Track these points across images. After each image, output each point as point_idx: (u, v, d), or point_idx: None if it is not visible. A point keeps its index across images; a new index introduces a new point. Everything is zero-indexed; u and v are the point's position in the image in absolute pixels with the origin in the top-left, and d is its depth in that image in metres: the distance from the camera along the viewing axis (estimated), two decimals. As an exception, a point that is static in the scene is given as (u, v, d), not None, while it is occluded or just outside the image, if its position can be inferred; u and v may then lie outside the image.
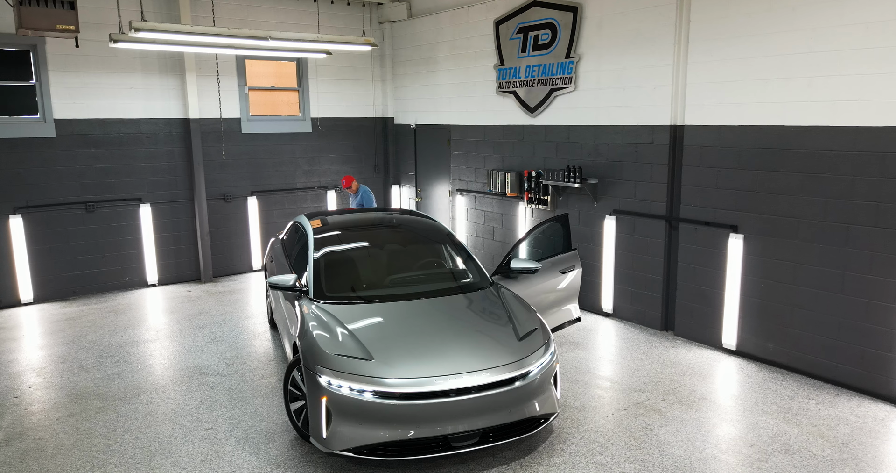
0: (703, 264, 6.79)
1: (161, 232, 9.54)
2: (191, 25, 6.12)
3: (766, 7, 5.90)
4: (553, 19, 7.94)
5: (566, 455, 4.69)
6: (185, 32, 6.03)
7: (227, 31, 6.29)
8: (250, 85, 10.00)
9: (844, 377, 5.76)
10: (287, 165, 10.52)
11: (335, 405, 4.30)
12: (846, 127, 5.50)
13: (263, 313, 8.18)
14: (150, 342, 7.14)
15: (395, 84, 11.13)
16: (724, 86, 6.33)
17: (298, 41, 6.96)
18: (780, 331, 6.20)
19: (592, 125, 7.70)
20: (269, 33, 6.57)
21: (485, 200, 9.51)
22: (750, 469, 4.50)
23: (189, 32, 6.04)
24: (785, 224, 6.04)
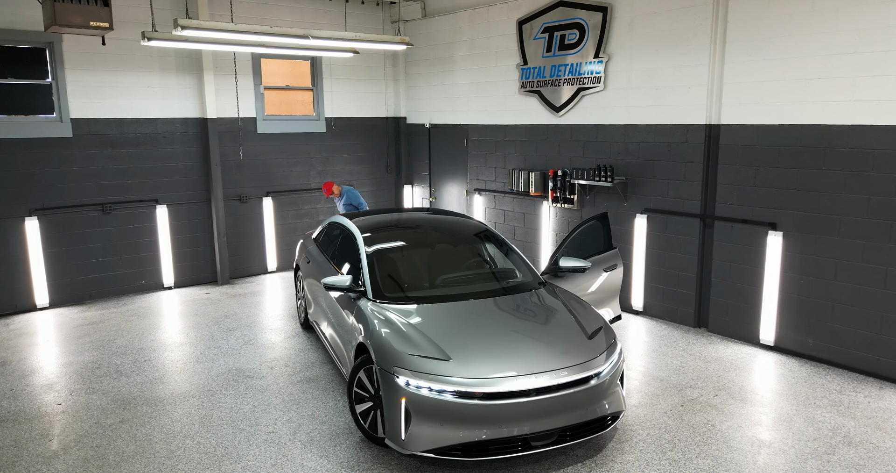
0: (739, 261, 6.88)
1: (177, 234, 9.36)
2: (234, 23, 6.02)
3: (809, 8, 6.01)
4: (581, 19, 7.98)
5: (637, 453, 4.72)
6: (230, 31, 5.93)
7: (269, 29, 6.20)
8: (265, 84, 9.87)
9: (887, 370, 5.89)
10: (301, 166, 10.41)
11: (415, 406, 4.27)
12: (891, 126, 5.62)
13: (291, 315, 8.07)
14: (184, 346, 7.00)
15: (407, 84, 11.08)
16: (764, 85, 6.42)
17: (337, 40, 6.89)
18: (821, 326, 6.31)
19: (623, 124, 7.75)
20: (309, 32, 6.49)
21: (505, 199, 9.52)
22: (819, 462, 4.57)
23: (234, 31, 5.94)
24: (826, 221, 6.15)
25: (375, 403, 4.76)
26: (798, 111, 6.22)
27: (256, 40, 6.43)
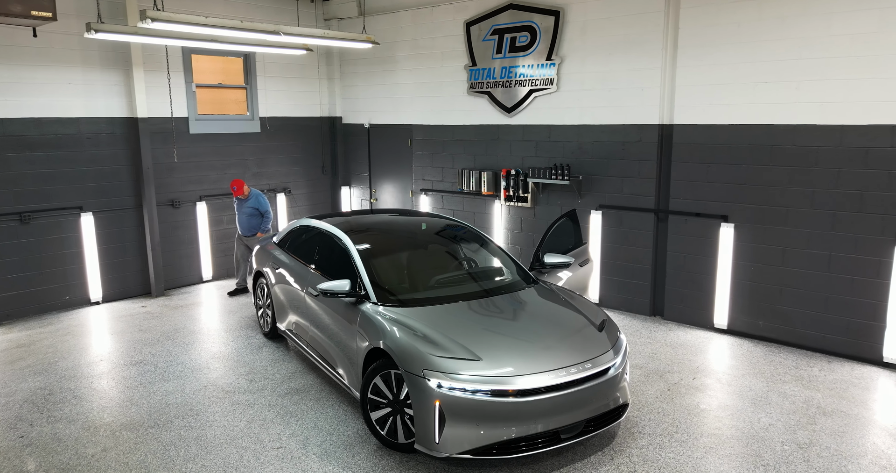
0: (693, 252, 7.36)
1: (105, 243, 8.62)
2: (205, 17, 5.62)
3: (756, 17, 6.54)
4: (532, 22, 8.19)
5: (647, 437, 4.94)
6: (201, 24, 5.53)
7: (240, 24, 5.85)
8: (197, 82, 9.30)
9: (833, 345, 6.54)
10: (236, 168, 9.91)
11: (449, 408, 4.23)
12: (833, 125, 6.25)
13: (249, 325, 7.68)
14: (143, 364, 6.47)
15: (343, 83, 10.86)
16: (715, 88, 6.91)
17: (307, 37, 6.63)
18: (771, 309, 6.89)
19: (576, 125, 8.05)
20: (279, 28, 6.19)
21: (454, 198, 9.58)
22: (806, 432, 5.01)
23: (204, 25, 5.55)
24: (774, 213, 6.73)
25: (395, 408, 4.66)
26: (747, 112, 6.74)
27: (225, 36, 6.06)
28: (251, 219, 8.70)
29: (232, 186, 8.59)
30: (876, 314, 6.24)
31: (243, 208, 8.72)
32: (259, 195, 8.73)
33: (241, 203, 8.75)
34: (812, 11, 6.20)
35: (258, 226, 8.73)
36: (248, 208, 8.67)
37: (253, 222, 8.71)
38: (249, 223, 8.72)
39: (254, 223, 8.71)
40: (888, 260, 6.10)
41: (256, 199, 8.69)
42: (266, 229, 8.76)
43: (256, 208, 8.68)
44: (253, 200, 8.69)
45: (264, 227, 8.76)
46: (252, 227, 8.73)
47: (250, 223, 8.72)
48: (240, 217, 8.78)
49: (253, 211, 8.66)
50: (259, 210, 8.70)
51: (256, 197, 8.70)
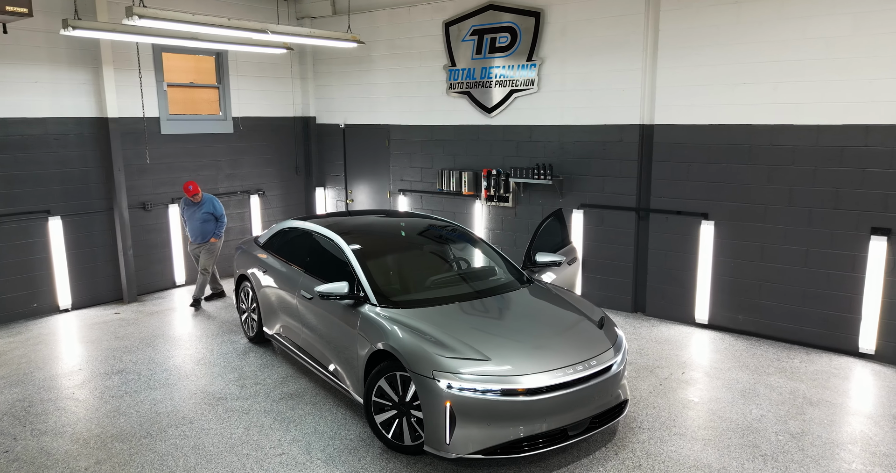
0: (674, 249, 7.53)
1: (74, 248, 8.30)
2: (192, 14, 5.45)
3: (734, 20, 6.73)
4: (513, 23, 8.24)
5: (647, 432, 5.03)
6: (187, 22, 5.37)
7: (226, 22, 5.71)
8: (168, 81, 9.05)
9: (810, 337, 6.78)
10: (209, 169, 9.68)
11: (460, 408, 4.22)
12: (810, 125, 6.47)
13: (231, 330, 7.50)
14: (125, 373, 6.26)
15: (316, 83, 10.72)
16: (694, 89, 7.08)
17: (294, 36, 6.51)
18: (750, 303, 7.10)
19: (558, 125, 8.13)
20: (267, 26, 6.07)
21: (433, 199, 9.56)
22: (797, 421, 5.18)
23: (191, 22, 5.39)
24: (753, 210, 6.93)
25: (401, 410, 4.63)
26: (726, 112, 6.93)
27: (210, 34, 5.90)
28: (206, 225, 8.26)
29: (187, 187, 8.07)
30: (851, 307, 6.49)
31: (197, 214, 8.23)
32: (213, 199, 8.33)
33: (194, 208, 8.26)
34: (788, 15, 6.41)
35: (212, 232, 8.33)
36: (203, 214, 8.23)
37: (207, 227, 8.28)
38: (203, 230, 8.28)
39: (208, 229, 8.29)
40: (862, 255, 6.35)
41: (211, 203, 8.28)
42: (220, 234, 8.39)
43: (212, 212, 8.26)
44: (207, 204, 8.25)
45: (219, 232, 8.37)
46: (206, 233, 8.30)
47: (204, 230, 8.28)
48: (192, 224, 8.28)
49: (208, 217, 8.25)
50: (214, 215, 8.29)
51: (211, 201, 8.29)
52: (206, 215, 8.24)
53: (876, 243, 6.25)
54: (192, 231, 8.34)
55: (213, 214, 8.28)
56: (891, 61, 5.94)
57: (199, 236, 8.31)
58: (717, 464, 4.56)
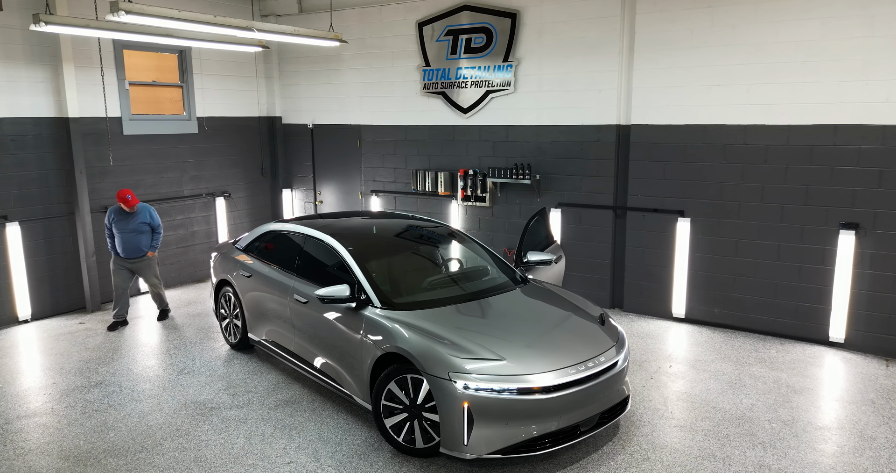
0: (651, 246, 7.73)
1: (33, 255, 7.87)
2: (178, 10, 5.22)
3: (709, 24, 6.96)
4: (488, 24, 8.28)
5: (649, 426, 5.15)
6: (173, 18, 5.15)
7: (212, 19, 5.50)
8: (130, 79, 8.68)
9: (782, 328, 7.08)
10: (173, 171, 9.34)
11: (478, 409, 4.22)
12: (781, 125, 6.76)
13: (210, 336, 7.27)
14: (104, 385, 5.97)
15: (282, 82, 10.50)
16: (670, 90, 7.29)
17: (278, 34, 6.34)
18: (725, 297, 7.36)
19: (534, 125, 8.22)
20: (252, 24, 5.89)
21: (407, 199, 9.51)
22: (786, 409, 5.40)
23: (177, 18, 5.17)
24: (727, 207, 7.19)
25: (412, 413, 4.59)
26: (701, 113, 7.16)
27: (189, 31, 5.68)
28: (141, 237, 7.45)
29: (125, 195, 7.24)
30: (821, 298, 6.81)
31: (131, 225, 7.38)
32: (149, 208, 7.60)
33: (127, 218, 7.38)
34: (760, 19, 6.68)
35: (148, 244, 7.55)
36: (138, 224, 7.41)
37: (143, 240, 7.48)
38: (139, 242, 7.46)
39: (144, 242, 7.49)
40: (832, 248, 6.68)
41: (147, 212, 7.52)
42: (157, 246, 7.67)
43: (148, 223, 7.50)
44: (143, 213, 7.46)
45: (156, 244, 7.62)
46: (142, 246, 7.49)
47: (140, 242, 7.46)
48: (123, 236, 7.38)
49: (144, 227, 7.46)
50: (151, 226, 7.54)
51: (146, 210, 7.53)
52: (141, 226, 7.45)
53: (844, 237, 6.58)
54: (123, 244, 7.40)
55: (149, 224, 7.52)
56: (857, 64, 6.26)
57: (134, 250, 7.45)
58: (721, 454, 4.71)
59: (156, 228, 7.61)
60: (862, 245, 6.53)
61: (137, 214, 7.43)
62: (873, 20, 6.14)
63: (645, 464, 4.58)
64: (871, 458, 4.62)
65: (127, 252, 7.45)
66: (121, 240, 7.41)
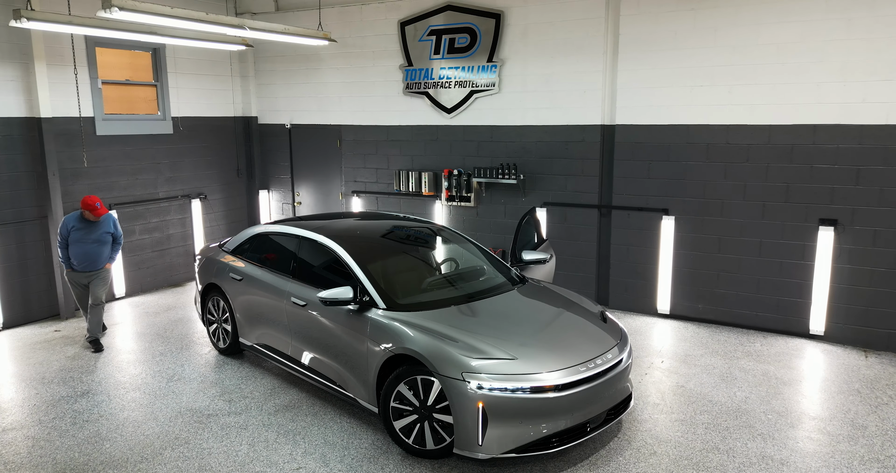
0: (636, 244, 7.86)
1: (5, 261, 7.55)
2: (171, 7, 5.05)
3: (691, 27, 7.11)
4: (472, 24, 8.29)
5: (650, 421, 5.23)
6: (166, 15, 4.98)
7: (204, 16, 5.36)
8: (103, 78, 8.41)
9: (765, 322, 7.28)
10: (148, 172, 9.09)
11: (493, 409, 4.23)
12: (762, 125, 6.95)
13: (195, 341, 7.09)
14: (92, 395, 5.77)
15: (258, 81, 10.32)
16: (654, 91, 7.42)
17: (269, 32, 6.21)
18: (709, 293, 7.54)
19: (519, 125, 8.27)
20: (243, 22, 5.75)
21: (390, 200, 9.45)
22: (778, 400, 5.56)
23: (170, 15, 5.01)
24: (711, 205, 7.36)
25: (422, 415, 4.57)
26: (685, 113, 7.31)
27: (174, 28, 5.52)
28: (103, 248, 6.83)
29: (93, 203, 6.60)
30: (802, 293, 7.04)
31: (94, 234, 6.73)
32: (113, 216, 6.98)
33: (89, 228, 6.72)
34: (742, 22, 6.85)
35: (108, 256, 6.93)
36: (102, 234, 6.79)
37: (104, 251, 6.85)
38: (101, 253, 6.81)
39: (105, 253, 6.86)
40: (812, 244, 6.90)
41: (110, 221, 6.89)
42: (115, 258, 7.07)
43: (111, 232, 6.89)
44: (106, 222, 6.83)
45: (115, 256, 7.03)
46: (103, 257, 6.85)
47: (102, 253, 6.82)
48: (85, 248, 6.70)
49: (107, 237, 6.85)
50: (115, 236, 6.94)
51: (110, 219, 6.89)
52: (105, 236, 6.82)
53: (824, 233, 6.80)
54: (81, 256, 6.73)
55: (112, 234, 6.90)
56: (836, 66, 6.49)
57: (93, 262, 6.80)
58: (724, 446, 4.82)
59: (118, 238, 7.00)
60: (840, 241, 6.76)
61: (101, 222, 6.79)
62: (851, 24, 6.37)
63: (653, 459, 4.65)
64: (866, 446, 4.79)
65: (85, 265, 6.77)
66: (80, 251, 6.71)
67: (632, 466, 4.57)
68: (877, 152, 6.48)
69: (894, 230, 6.50)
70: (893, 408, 5.37)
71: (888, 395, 5.62)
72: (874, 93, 6.37)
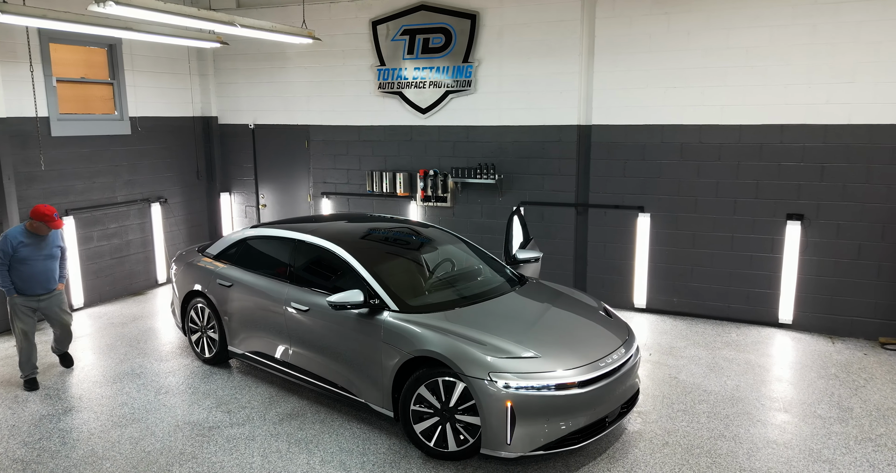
0: (612, 241, 8.07)
1: (-45, 273, 6.98)
2: (164, 2, 4.78)
3: (665, 30, 7.36)
4: (447, 25, 8.29)
5: (655, 413, 5.39)
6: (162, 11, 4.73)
7: (196, 12, 5.12)
8: (57, 75, 7.92)
9: (736, 313, 7.63)
10: (106, 175, 8.62)
11: (520, 407, 4.25)
12: (733, 125, 7.28)
13: (173, 352, 6.78)
14: (77, 412, 5.43)
15: (218, 80, 9.96)
16: (629, 92, 7.64)
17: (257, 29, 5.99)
18: (683, 287, 7.83)
19: (496, 126, 8.33)
20: (234, 19, 5.53)
21: (362, 201, 9.33)
22: (766, 387, 5.84)
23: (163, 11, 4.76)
24: (685, 202, 7.64)
25: (444, 417, 4.55)
26: (659, 113, 7.56)
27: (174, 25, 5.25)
28: (54, 264, 5.92)
29: (51, 214, 5.65)
30: (771, 284, 7.41)
31: (45, 250, 5.80)
32: (57, 232, 6.03)
33: (38, 243, 5.76)
34: (713, 26, 7.15)
35: (60, 273, 6.05)
36: (53, 249, 5.88)
37: (54, 267, 5.92)
38: (52, 271, 5.89)
39: (54, 269, 5.94)
40: (780, 238, 7.28)
41: (58, 233, 6.00)
42: (67, 275, 6.23)
43: (60, 246, 6.01)
44: (56, 234, 5.95)
45: (65, 273, 6.14)
46: (55, 275, 5.94)
47: (53, 270, 5.91)
48: (36, 266, 5.75)
49: (57, 252, 5.95)
50: (63, 248, 6.05)
51: (55, 236, 5.97)
52: (55, 250, 5.90)
53: (791, 227, 7.19)
54: (31, 277, 5.74)
55: (61, 247, 6.01)
56: (801, 69, 6.86)
57: (47, 282, 5.85)
58: (729, 433, 5.02)
59: (65, 251, 6.11)
60: (807, 234, 7.16)
61: (51, 235, 5.87)
62: (815, 29, 6.75)
63: (667, 449, 4.80)
64: (857, 427, 5.10)
65: (38, 286, 5.81)
66: (30, 272, 5.73)
67: (648, 457, 4.70)
68: (839, 150, 6.90)
69: (856, 223, 6.94)
70: (871, 390, 5.74)
71: (863, 378, 6.00)
72: (837, 94, 6.78)
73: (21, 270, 5.72)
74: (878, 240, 6.88)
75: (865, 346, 6.83)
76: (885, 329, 6.98)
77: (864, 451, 4.73)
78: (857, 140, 6.79)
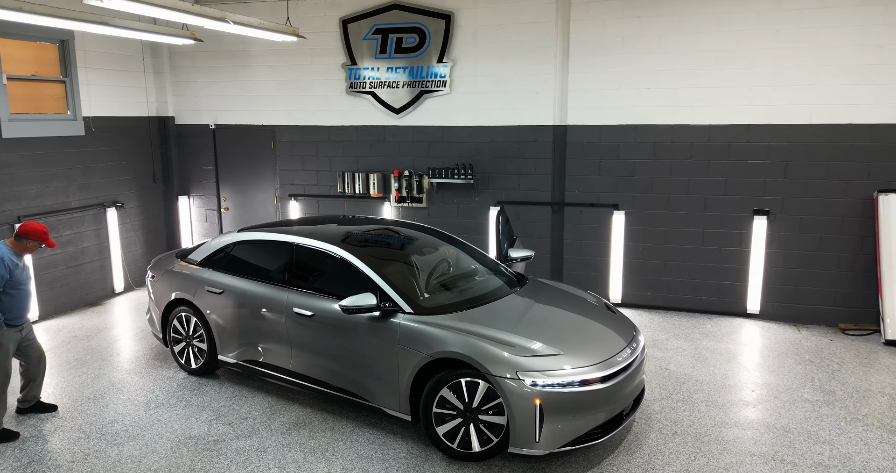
0: (588, 238, 8.25)
1: None
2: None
3: (638, 33, 7.59)
4: (420, 24, 8.25)
5: (658, 403, 5.56)
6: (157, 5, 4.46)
7: (190, 7, 4.86)
8: (7, 72, 7.37)
9: (707, 305, 7.96)
10: (60, 179, 8.10)
11: (548, 404, 4.29)
12: (703, 125, 7.59)
13: (152, 364, 6.45)
14: (65, 432, 5.08)
15: (175, 79, 9.54)
16: (604, 93, 7.84)
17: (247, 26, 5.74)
18: (657, 281, 8.10)
19: (471, 126, 8.36)
20: (225, 14, 5.28)
21: (333, 202, 9.16)
22: (753, 375, 6.13)
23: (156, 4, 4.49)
24: (658, 200, 7.91)
25: (467, 418, 4.54)
26: (633, 114, 7.80)
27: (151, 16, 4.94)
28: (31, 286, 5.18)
29: (47, 232, 5.00)
30: (740, 276, 7.78)
31: (28, 271, 5.08)
32: None
33: (23, 264, 5.03)
34: (684, 30, 7.43)
35: None
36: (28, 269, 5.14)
37: None
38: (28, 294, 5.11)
39: None
40: (748, 232, 7.65)
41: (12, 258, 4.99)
42: None
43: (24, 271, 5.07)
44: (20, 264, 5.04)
45: None
46: None
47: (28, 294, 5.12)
48: (27, 291, 5.03)
49: (15, 265, 4.94)
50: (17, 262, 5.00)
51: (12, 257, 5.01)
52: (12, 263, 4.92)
53: (758, 221, 7.57)
54: (23, 305, 5.03)
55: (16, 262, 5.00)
56: (766, 72, 7.23)
57: (29, 308, 5.16)
58: (731, 420, 5.24)
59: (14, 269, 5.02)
60: (772, 228, 7.56)
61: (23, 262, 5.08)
62: (779, 34, 7.13)
63: (678, 439, 4.96)
64: (843, 408, 5.43)
65: (26, 312, 5.11)
66: (23, 298, 5.01)
67: (662, 447, 4.84)
68: (802, 149, 7.31)
69: (817, 217, 7.38)
70: (846, 373, 6.12)
71: (836, 362, 6.39)
72: (799, 96, 7.19)
73: (16, 296, 4.92)
74: (838, 233, 7.34)
75: (829, 332, 7.27)
76: (844, 316, 7.46)
77: (855, 430, 5.05)
78: (818, 139, 7.22)
